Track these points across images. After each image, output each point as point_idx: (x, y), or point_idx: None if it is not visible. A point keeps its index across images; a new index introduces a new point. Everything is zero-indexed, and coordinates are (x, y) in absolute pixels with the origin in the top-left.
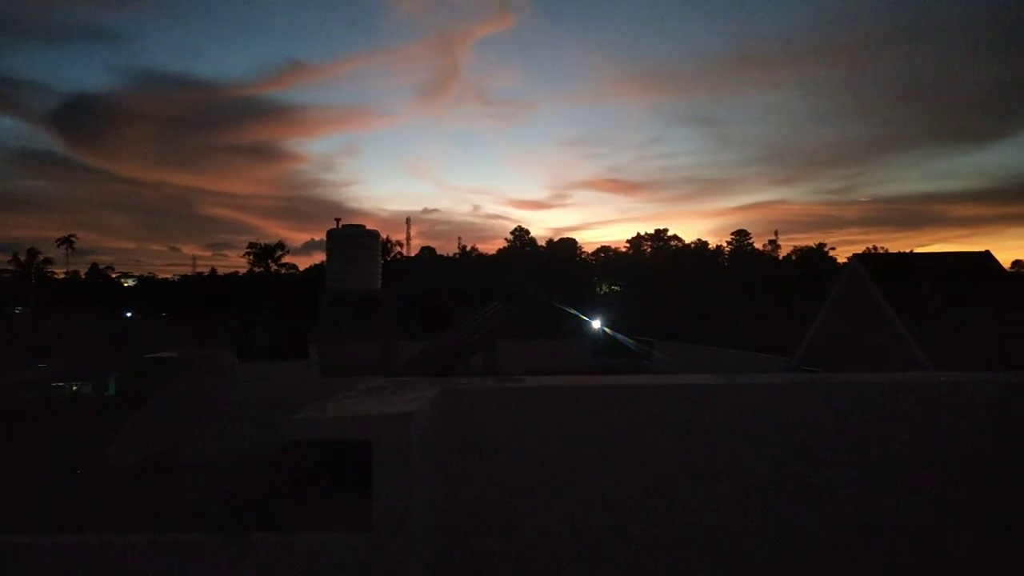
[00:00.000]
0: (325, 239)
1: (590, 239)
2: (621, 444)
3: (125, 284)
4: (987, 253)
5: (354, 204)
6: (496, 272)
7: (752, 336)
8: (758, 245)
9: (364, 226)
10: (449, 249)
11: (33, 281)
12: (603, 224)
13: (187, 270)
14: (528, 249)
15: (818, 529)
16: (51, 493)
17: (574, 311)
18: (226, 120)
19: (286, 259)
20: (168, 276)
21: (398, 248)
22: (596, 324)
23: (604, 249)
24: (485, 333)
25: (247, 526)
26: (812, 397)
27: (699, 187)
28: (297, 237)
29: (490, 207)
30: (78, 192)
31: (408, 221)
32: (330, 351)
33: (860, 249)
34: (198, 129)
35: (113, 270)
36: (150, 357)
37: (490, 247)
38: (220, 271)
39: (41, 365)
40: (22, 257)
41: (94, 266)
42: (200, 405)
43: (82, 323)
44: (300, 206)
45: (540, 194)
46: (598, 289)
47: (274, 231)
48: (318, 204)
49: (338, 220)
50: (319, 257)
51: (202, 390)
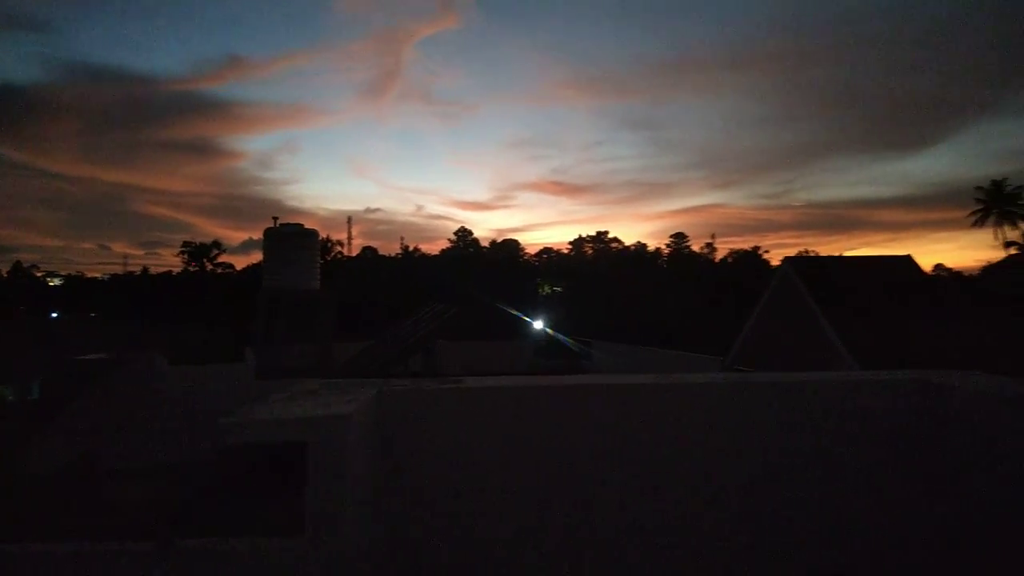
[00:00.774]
0: (262, 238)
1: (533, 240)
2: (561, 444)
3: (51, 283)
4: (908, 257)
5: (294, 203)
6: (439, 273)
7: (689, 337)
8: (696, 248)
9: (303, 225)
10: (391, 249)
11: None
12: (546, 226)
13: (118, 269)
14: (471, 250)
15: (753, 523)
16: None
17: (516, 312)
18: (161, 115)
19: (222, 258)
20: (97, 275)
21: (339, 248)
22: (538, 325)
23: (547, 251)
24: (424, 334)
25: (177, 533)
26: (743, 396)
27: (640, 190)
28: (234, 236)
29: (433, 207)
30: (1, 187)
31: (349, 220)
32: (266, 353)
33: (794, 252)
34: (131, 124)
35: (38, 268)
36: (76, 359)
37: (433, 247)
38: (153, 270)
39: None
40: None
41: (17, 264)
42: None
43: (3, 324)
44: (237, 204)
45: (484, 195)
46: (540, 290)
47: (210, 230)
48: (256, 202)
49: (276, 219)
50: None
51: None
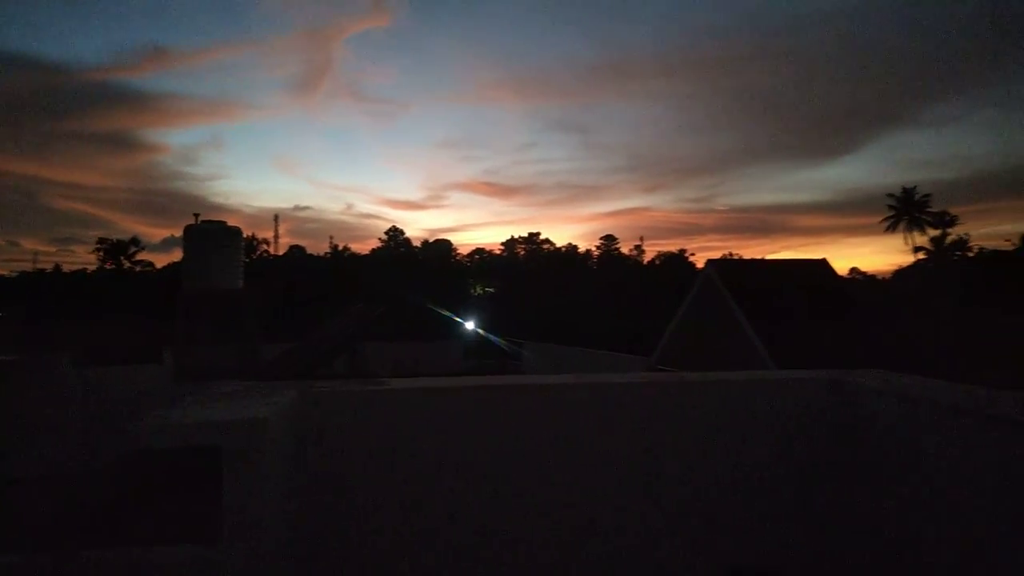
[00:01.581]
0: (182, 236)
1: (465, 241)
2: (488, 444)
3: None
4: (824, 261)
5: (219, 199)
6: (369, 272)
7: (618, 337)
8: (625, 250)
9: (225, 222)
10: (320, 248)
11: None
12: (478, 226)
13: (27, 266)
14: (403, 249)
15: (675, 522)
16: None
17: (448, 313)
18: (76, 105)
19: (141, 256)
20: (5, 273)
21: (265, 246)
22: (470, 325)
23: (479, 251)
24: (350, 335)
25: (83, 544)
26: (665, 395)
27: (571, 192)
28: (155, 233)
29: (364, 206)
30: None
31: (276, 218)
32: (186, 354)
33: (718, 255)
34: (43, 114)
35: None
36: None
37: (363, 247)
38: (66, 268)
39: None
40: None
41: None
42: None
43: None
44: (158, 200)
45: (415, 194)
46: (473, 291)
47: (129, 226)
48: (178, 198)
49: (196, 215)
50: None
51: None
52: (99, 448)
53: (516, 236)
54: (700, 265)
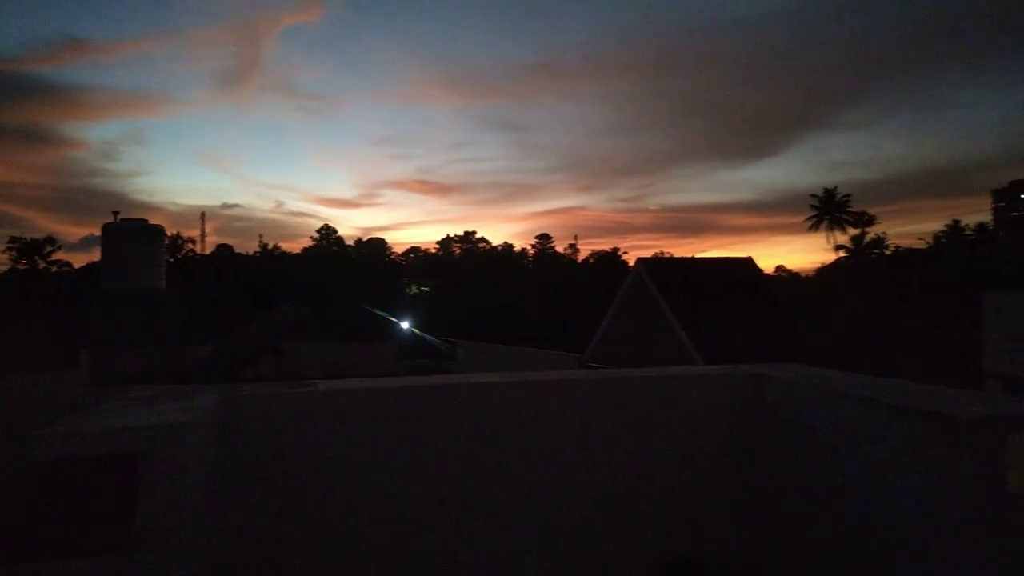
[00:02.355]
0: (101, 234)
1: (400, 239)
2: (420, 445)
3: None
4: (749, 259)
5: (142, 197)
6: (300, 272)
7: (553, 335)
8: (560, 248)
9: (147, 220)
10: (249, 247)
11: None
12: (413, 225)
13: None
14: (335, 248)
15: (606, 516)
16: None
17: (382, 312)
18: None
19: (58, 256)
20: None
21: (190, 245)
22: (404, 325)
23: (414, 250)
24: (277, 336)
25: None
26: (594, 392)
27: (506, 191)
28: (73, 232)
29: (295, 204)
30: None
31: (203, 216)
32: (104, 358)
33: (650, 253)
34: None
35: None
36: None
37: (294, 246)
38: None
39: None
40: None
41: None
42: None
43: None
44: (77, 197)
45: (348, 192)
46: (408, 290)
47: (44, 224)
48: (98, 196)
49: (116, 213)
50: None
51: None
52: (7, 457)
53: (452, 235)
54: (633, 263)
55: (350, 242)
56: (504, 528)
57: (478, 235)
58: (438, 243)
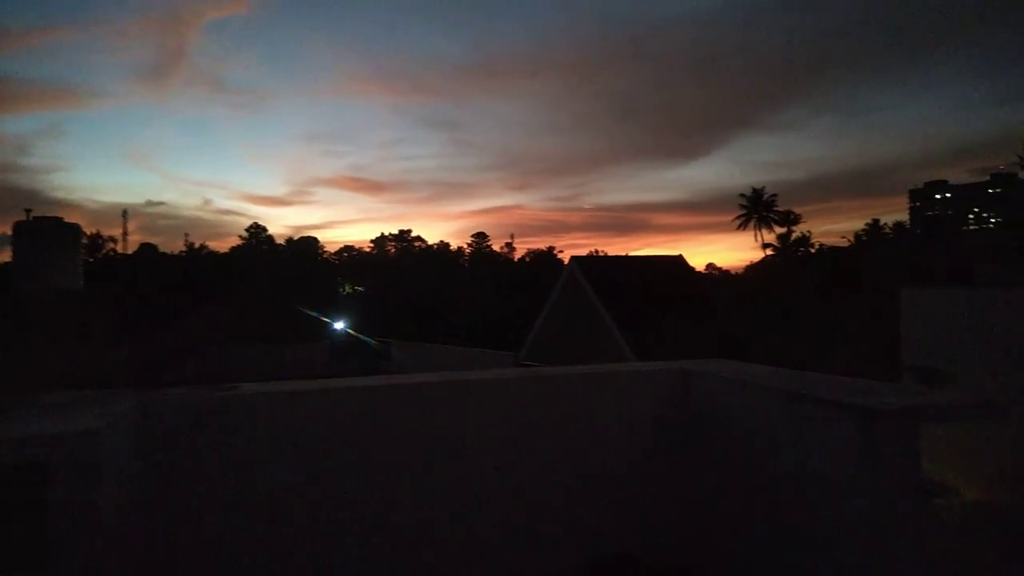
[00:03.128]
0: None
1: (333, 238)
2: (349, 447)
3: None
4: (680, 257)
5: (59, 194)
6: (228, 272)
7: (490, 334)
8: (496, 247)
9: (62, 218)
10: (175, 246)
11: None
12: (346, 223)
13: None
14: (265, 247)
15: (539, 513)
16: None
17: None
18: None
19: None
20: None
21: (112, 244)
22: (338, 325)
23: (348, 249)
24: (202, 337)
25: None
26: (526, 390)
27: (441, 190)
28: None
29: (223, 202)
30: None
31: (125, 214)
32: (16, 362)
33: (585, 251)
34: None
35: None
36: None
37: (222, 245)
38: None
39: None
40: None
41: None
42: None
43: None
44: None
45: (279, 190)
46: (341, 290)
47: None
48: (11, 192)
49: (28, 211)
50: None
51: None
52: None
53: (386, 233)
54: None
55: (281, 241)
56: (432, 528)
57: (413, 234)
58: (372, 242)
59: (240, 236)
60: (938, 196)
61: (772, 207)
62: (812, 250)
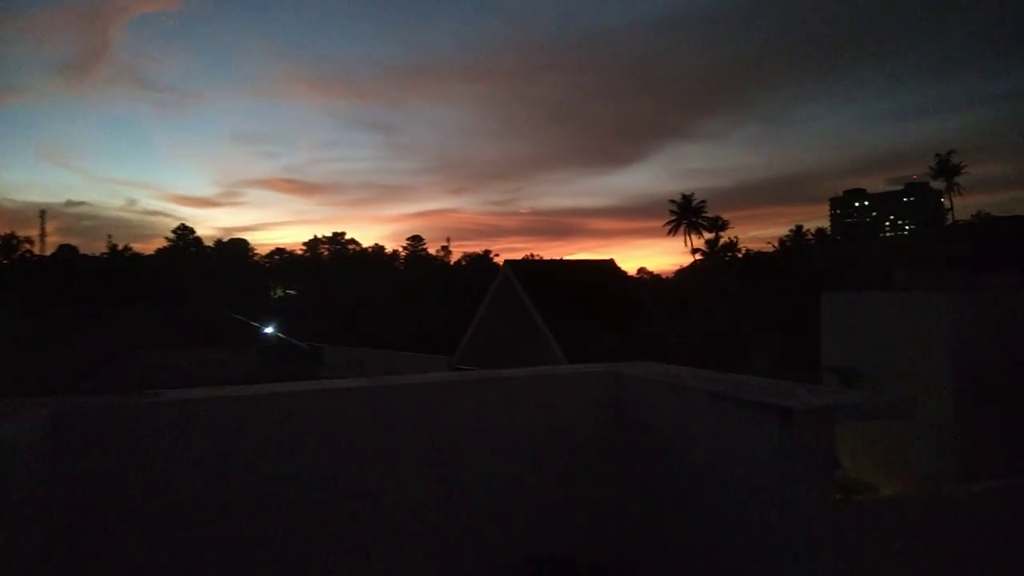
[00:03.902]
0: None
1: (265, 241)
2: (277, 455)
3: None
4: (611, 261)
5: None
6: (154, 274)
7: (425, 337)
8: (432, 250)
9: None
10: (97, 248)
11: None
12: (278, 225)
13: None
14: (193, 250)
15: (472, 515)
16: None
17: (244, 317)
18: None
19: None
20: None
21: (28, 246)
22: (269, 330)
23: (279, 251)
24: (121, 343)
25: None
26: (458, 394)
27: (376, 192)
28: None
29: (149, 202)
30: None
31: (43, 215)
32: None
33: (521, 256)
34: None
35: None
36: None
37: (148, 246)
38: None
39: None
40: None
41: None
42: None
43: None
44: None
45: (208, 190)
46: (273, 293)
47: None
48: None
49: None
50: None
51: None
52: None
53: (320, 236)
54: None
55: (209, 243)
56: (362, 535)
57: (347, 236)
58: (305, 244)
59: (167, 238)
60: (857, 204)
61: (701, 213)
62: (739, 255)
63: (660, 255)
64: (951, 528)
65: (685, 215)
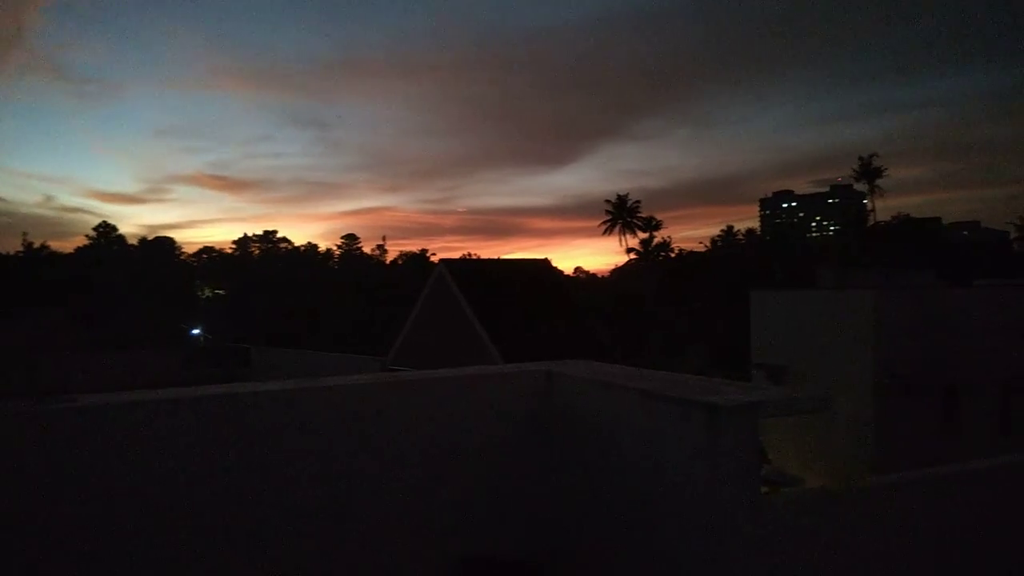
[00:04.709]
0: None
1: (192, 239)
2: (200, 460)
3: None
4: (546, 260)
5: None
6: (73, 274)
7: (360, 338)
8: (367, 249)
9: None
10: (11, 246)
11: None
12: (207, 223)
13: None
14: (116, 248)
15: (407, 516)
16: None
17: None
18: None
19: None
20: None
21: None
22: (195, 331)
23: (208, 250)
24: (32, 345)
25: None
26: (389, 395)
27: (308, 190)
28: None
29: (68, 198)
30: None
31: None
32: None
33: (458, 255)
34: None
35: None
36: None
37: (67, 245)
38: None
39: None
40: None
41: None
42: None
43: None
44: None
45: (131, 187)
46: (201, 293)
47: None
48: None
49: None
50: None
51: None
52: None
53: (250, 234)
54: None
55: (133, 241)
56: (291, 540)
57: (279, 235)
58: (235, 243)
59: (87, 236)
60: (785, 205)
61: (636, 213)
62: (672, 255)
63: (597, 254)
64: (869, 518)
65: (620, 215)
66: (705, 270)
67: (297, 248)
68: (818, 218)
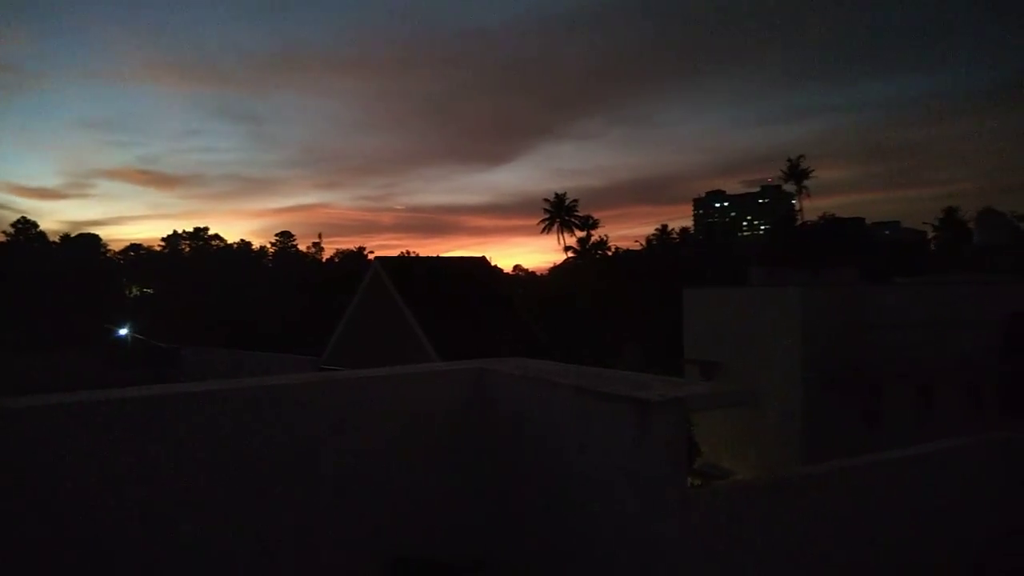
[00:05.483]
0: None
1: (118, 236)
2: (131, 464)
3: None
4: (483, 258)
5: None
6: None
7: (295, 337)
8: (302, 247)
9: None
10: None
11: None
12: (134, 220)
13: None
14: (36, 245)
15: (340, 518)
16: None
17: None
18: None
19: None
20: None
21: None
22: (122, 331)
23: (135, 247)
24: None
25: None
26: (321, 395)
27: (241, 185)
28: None
29: None
30: None
31: None
32: None
33: (396, 253)
34: None
35: None
36: None
37: None
38: None
39: None
40: None
41: None
42: None
43: None
44: None
45: (52, 181)
46: (127, 292)
47: None
48: None
49: None
50: None
51: None
52: None
53: (180, 231)
54: None
55: (55, 238)
56: (224, 543)
57: (211, 232)
58: (164, 240)
59: (4, 232)
60: (717, 205)
61: (573, 212)
62: (609, 253)
63: (535, 253)
64: (796, 509)
65: (558, 213)
66: (641, 269)
67: (230, 245)
68: (749, 217)
